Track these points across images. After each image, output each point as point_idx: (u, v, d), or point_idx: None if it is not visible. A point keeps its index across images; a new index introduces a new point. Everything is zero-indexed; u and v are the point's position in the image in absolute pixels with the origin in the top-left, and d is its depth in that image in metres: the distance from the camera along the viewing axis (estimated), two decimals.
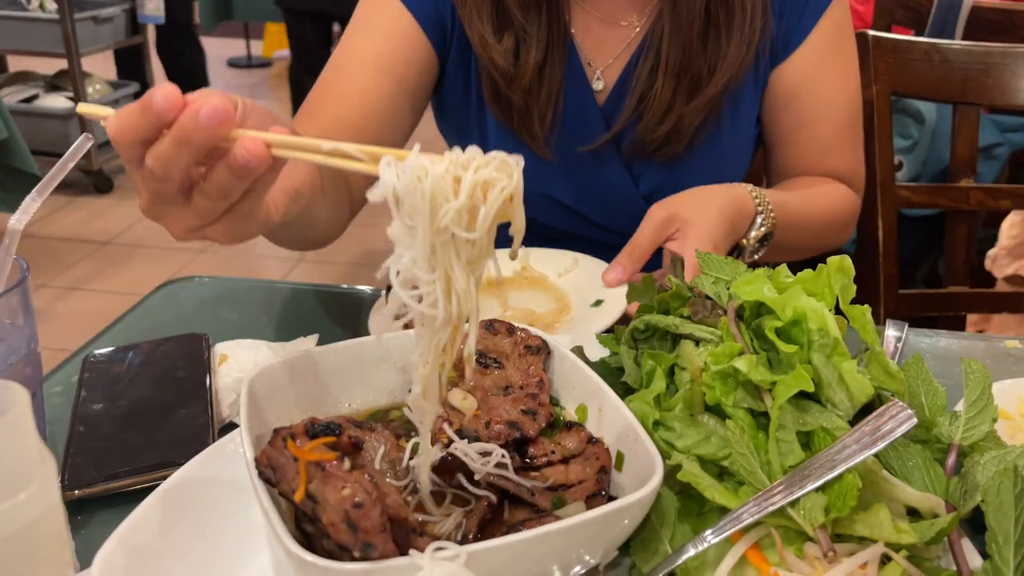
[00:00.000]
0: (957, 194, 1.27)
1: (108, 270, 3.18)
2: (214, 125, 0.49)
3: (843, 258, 0.61)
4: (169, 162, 0.51)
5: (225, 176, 0.51)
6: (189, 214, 0.55)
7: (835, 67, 0.97)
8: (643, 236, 0.82)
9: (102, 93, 3.80)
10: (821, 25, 0.94)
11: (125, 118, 0.52)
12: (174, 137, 0.50)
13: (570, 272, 0.91)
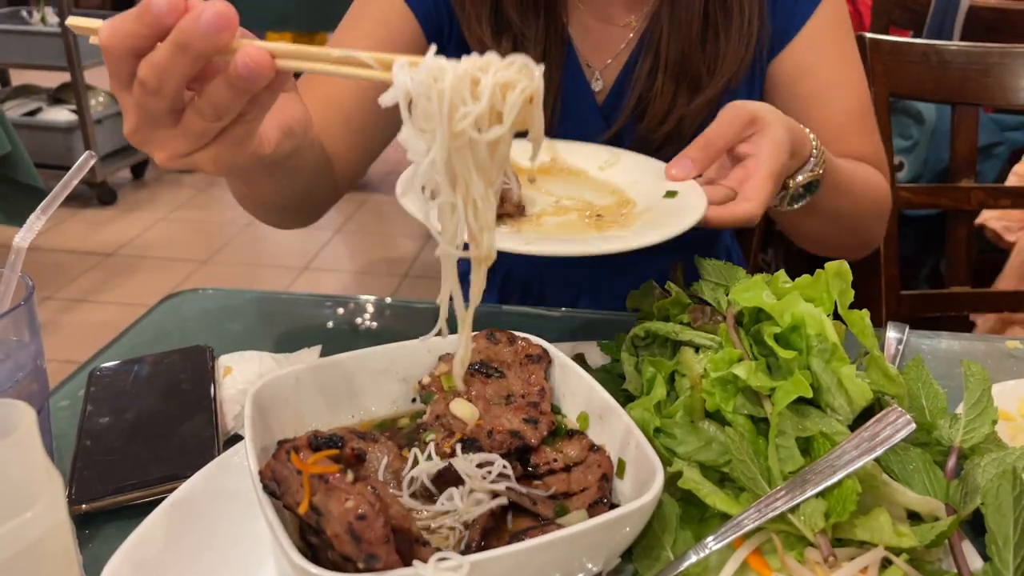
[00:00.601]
0: (957, 194, 1.27)
1: (113, 281, 3.19)
2: (217, 30, 0.46)
3: (840, 263, 0.61)
4: (165, 71, 0.48)
5: (223, 90, 0.49)
6: (178, 136, 0.52)
7: (836, 55, 0.95)
8: (721, 130, 0.73)
9: (105, 105, 3.81)
10: (817, 16, 0.94)
11: (119, 24, 0.49)
12: (173, 42, 0.47)
13: (613, 166, 0.84)
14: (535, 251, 0.63)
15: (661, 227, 0.66)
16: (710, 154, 0.74)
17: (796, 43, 0.94)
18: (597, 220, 0.73)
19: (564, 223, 0.72)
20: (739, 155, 0.73)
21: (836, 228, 0.93)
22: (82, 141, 3.62)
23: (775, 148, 0.71)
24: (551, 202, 0.77)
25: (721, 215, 0.68)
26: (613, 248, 0.64)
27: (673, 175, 0.74)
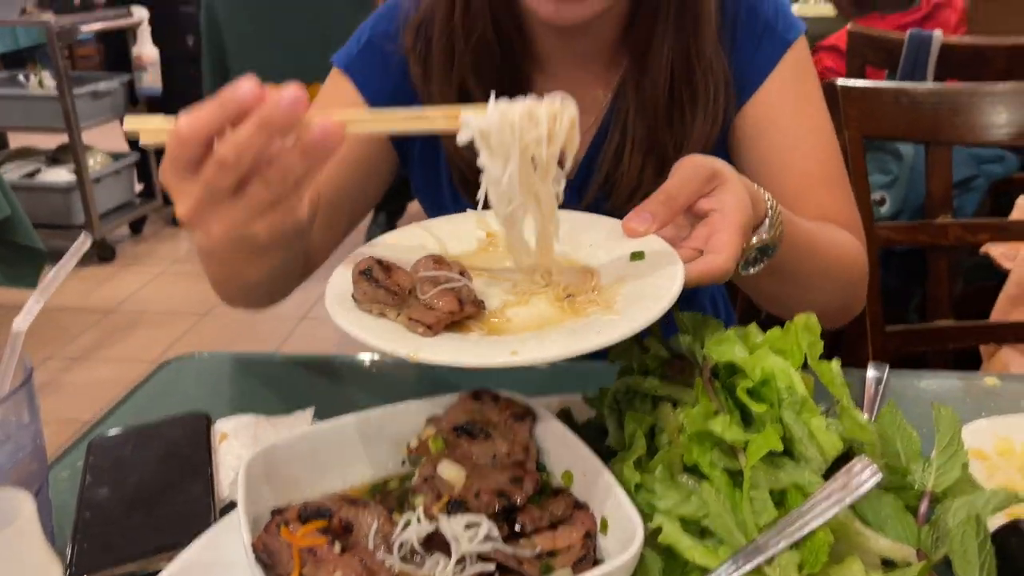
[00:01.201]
0: (935, 231, 1.30)
1: (113, 338, 3.22)
2: (295, 109, 0.54)
3: (809, 316, 0.63)
4: (246, 148, 0.55)
5: (296, 159, 0.56)
6: (239, 209, 0.59)
7: (799, 109, 0.95)
8: (682, 184, 0.68)
9: (103, 164, 3.87)
10: (779, 70, 0.94)
11: (199, 114, 0.56)
12: (257, 121, 0.54)
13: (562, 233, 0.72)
14: (526, 361, 0.57)
15: (648, 299, 0.60)
16: (671, 209, 0.67)
17: (758, 97, 0.94)
18: (570, 303, 0.65)
19: (535, 315, 0.64)
20: (700, 211, 0.68)
21: (804, 294, 0.87)
22: (81, 201, 3.67)
23: (739, 202, 0.67)
24: (507, 289, 0.68)
25: (695, 271, 0.64)
26: (613, 339, 0.57)
27: (633, 228, 0.67)
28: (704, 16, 0.89)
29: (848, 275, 0.91)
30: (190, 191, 0.59)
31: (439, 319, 0.60)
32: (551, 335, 0.60)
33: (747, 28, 0.94)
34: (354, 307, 0.63)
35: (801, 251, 0.81)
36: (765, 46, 0.94)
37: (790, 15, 0.96)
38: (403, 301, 0.62)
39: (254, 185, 0.58)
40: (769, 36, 0.94)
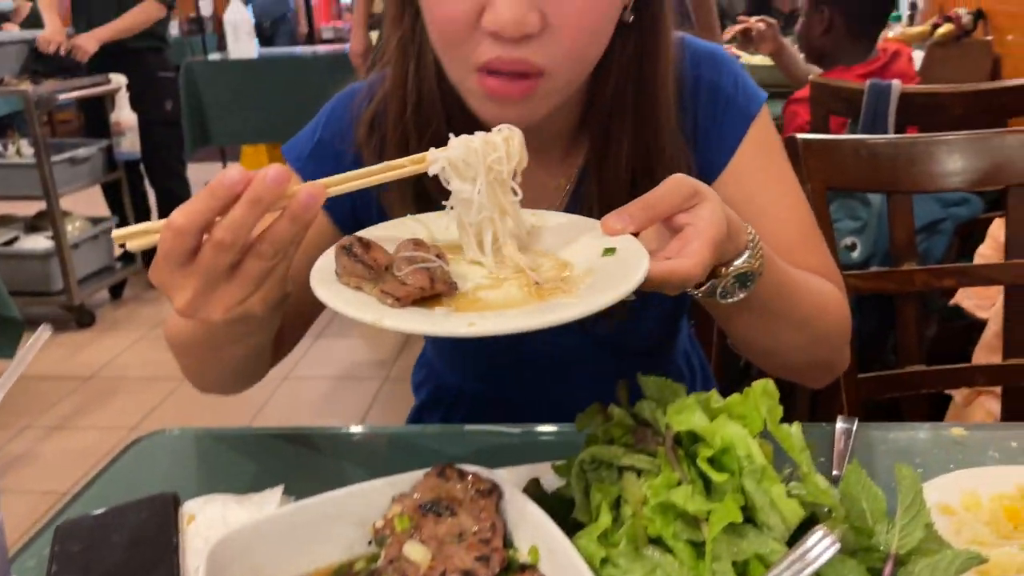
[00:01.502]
0: (901, 278, 1.32)
1: (91, 406, 3.18)
2: (280, 184, 0.60)
3: (767, 382, 0.64)
4: (241, 226, 0.60)
5: (286, 226, 0.62)
6: (235, 287, 0.63)
7: (767, 181, 0.94)
8: (663, 195, 0.70)
9: (82, 230, 3.87)
10: (743, 147, 0.93)
11: (194, 206, 0.60)
12: (248, 199, 0.59)
13: (537, 230, 0.78)
14: (481, 332, 0.60)
15: (607, 289, 0.63)
16: (649, 215, 0.70)
17: (727, 175, 0.93)
18: (538, 288, 0.68)
19: (504, 296, 0.67)
20: (677, 225, 0.70)
21: (786, 338, 0.87)
22: (59, 267, 3.66)
23: (714, 218, 0.69)
24: (484, 274, 0.71)
25: (661, 269, 0.66)
26: (562, 318, 0.60)
27: (610, 225, 0.69)
28: (662, 102, 0.87)
29: (831, 325, 0.91)
30: (186, 283, 0.63)
31: (409, 293, 0.64)
32: (510, 313, 0.64)
33: (709, 108, 0.93)
34: (334, 280, 0.66)
35: (782, 290, 0.82)
36: (728, 123, 0.93)
37: (750, 86, 0.95)
38: (379, 276, 0.65)
39: (249, 261, 0.63)
40: (732, 112, 0.93)
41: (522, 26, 0.72)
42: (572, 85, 0.82)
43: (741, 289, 0.75)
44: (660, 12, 0.85)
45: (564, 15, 0.73)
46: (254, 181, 0.60)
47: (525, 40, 0.73)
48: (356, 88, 0.96)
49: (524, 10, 0.71)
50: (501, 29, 0.72)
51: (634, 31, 0.84)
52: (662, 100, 0.87)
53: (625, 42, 0.84)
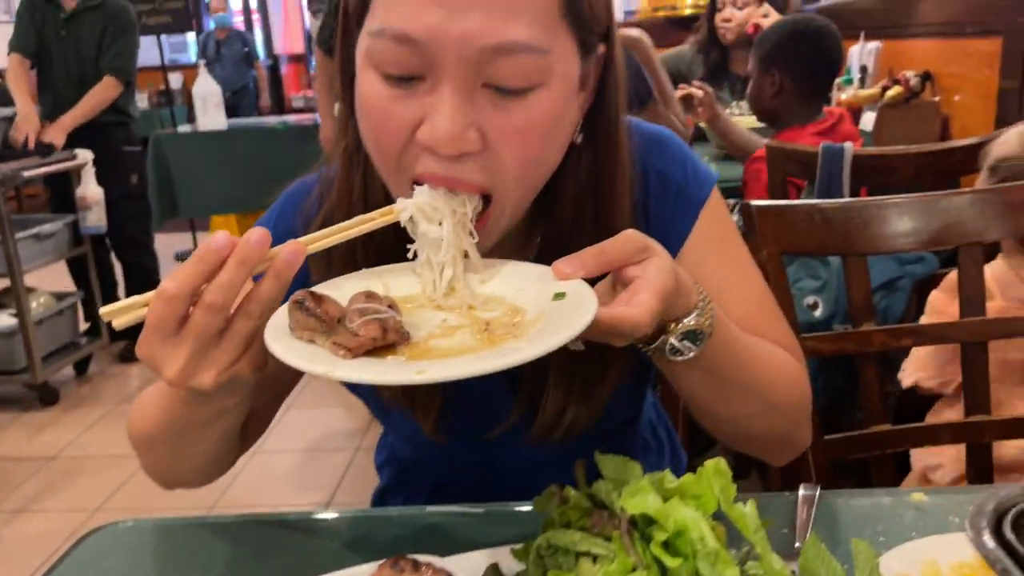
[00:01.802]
0: (861, 339, 1.33)
1: (56, 487, 3.10)
2: (264, 245, 0.64)
3: (718, 461, 0.64)
4: (231, 287, 0.63)
5: (272, 283, 0.65)
6: (226, 350, 0.66)
7: (722, 261, 0.94)
8: (616, 245, 0.70)
9: (46, 306, 3.82)
10: (696, 231, 0.93)
11: (183, 273, 0.63)
12: (236, 261, 0.63)
13: (494, 278, 0.78)
14: (430, 379, 0.60)
15: (556, 332, 0.63)
16: (600, 261, 0.70)
17: (681, 260, 0.91)
18: (489, 334, 0.68)
19: (456, 344, 0.68)
20: (626, 278, 0.70)
21: (741, 407, 0.86)
22: (23, 344, 3.60)
23: (663, 271, 0.69)
24: (437, 323, 0.72)
25: (608, 315, 0.66)
26: (510, 362, 0.60)
27: (561, 269, 0.70)
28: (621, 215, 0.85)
29: (787, 396, 0.90)
30: (177, 351, 0.65)
31: (360, 344, 0.64)
32: (460, 359, 0.64)
33: (659, 195, 0.92)
34: (288, 335, 0.67)
35: (734, 353, 0.81)
36: (680, 210, 0.92)
37: (700, 169, 0.95)
38: (332, 329, 0.66)
39: (237, 321, 0.65)
40: (683, 199, 0.92)
41: (459, 143, 0.70)
42: (520, 209, 0.80)
43: (691, 347, 0.75)
44: (614, 130, 0.84)
45: (505, 135, 0.72)
46: (240, 243, 0.63)
47: (463, 158, 0.71)
48: (306, 185, 0.95)
49: (462, 126, 0.69)
50: (435, 144, 0.70)
51: (587, 150, 0.83)
52: (620, 213, 0.85)
53: (579, 161, 0.82)
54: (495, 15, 0.67)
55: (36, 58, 4.00)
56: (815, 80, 2.37)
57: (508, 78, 0.69)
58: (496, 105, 0.71)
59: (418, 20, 0.67)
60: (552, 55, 0.71)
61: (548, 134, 0.75)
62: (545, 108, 0.72)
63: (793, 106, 2.36)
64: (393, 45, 0.69)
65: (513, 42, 0.68)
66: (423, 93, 0.70)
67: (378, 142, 0.75)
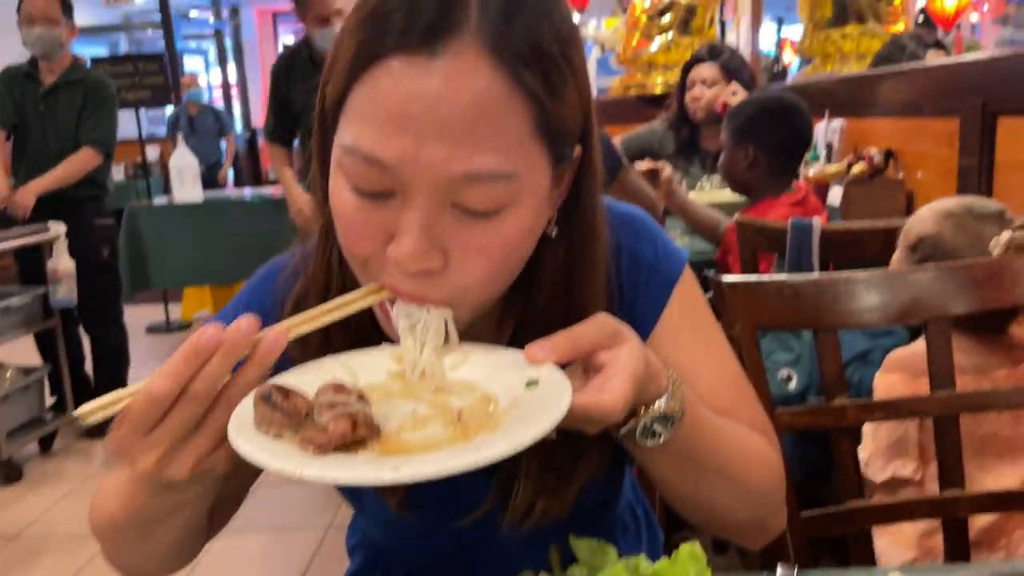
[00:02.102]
0: (834, 413, 1.34)
1: (17, 568, 2.99)
2: (252, 332, 0.65)
3: (693, 545, 0.63)
4: (217, 377, 0.64)
5: (254, 371, 0.65)
6: (204, 439, 0.65)
7: (694, 340, 0.94)
8: (588, 331, 0.71)
9: (13, 380, 3.75)
10: (667, 312, 0.93)
11: (173, 371, 0.63)
12: (224, 352, 0.63)
13: (464, 364, 0.76)
14: (405, 478, 0.58)
15: (531, 423, 0.62)
16: (571, 346, 0.70)
17: (651, 341, 0.91)
18: (462, 426, 0.67)
19: (428, 437, 0.66)
20: (598, 363, 0.70)
21: (713, 491, 0.85)
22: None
23: (634, 356, 0.69)
24: (407, 413, 0.70)
25: (582, 402, 0.65)
26: (490, 457, 0.59)
27: (533, 353, 0.69)
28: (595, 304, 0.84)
29: (760, 480, 0.90)
30: (153, 443, 0.64)
31: (330, 440, 0.62)
32: (435, 455, 0.62)
33: (631, 275, 0.92)
34: (252, 428, 0.65)
35: (705, 436, 0.81)
36: (652, 289, 0.92)
37: (670, 249, 0.95)
38: (300, 424, 0.64)
39: (218, 411, 0.65)
40: (655, 279, 0.92)
41: (421, 262, 0.70)
42: (485, 306, 0.79)
43: (662, 431, 0.75)
44: (590, 223, 0.83)
45: (469, 253, 0.72)
46: (230, 333, 0.64)
47: (425, 275, 0.72)
48: (279, 265, 0.94)
49: (425, 247, 0.70)
50: (399, 263, 0.71)
51: (562, 241, 0.82)
52: (595, 296, 0.85)
53: (555, 252, 0.81)
54: (464, 143, 0.67)
55: (13, 131, 3.99)
56: (786, 154, 2.44)
57: (476, 203, 0.70)
58: (462, 224, 0.71)
59: (388, 145, 0.67)
60: (522, 177, 0.71)
61: (514, 250, 0.75)
62: (512, 228, 0.72)
63: (765, 178, 2.43)
64: (363, 164, 0.69)
65: (481, 171, 0.68)
66: (393, 208, 0.71)
67: (349, 248, 0.76)
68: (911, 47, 3.44)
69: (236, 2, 12.62)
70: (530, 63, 0.68)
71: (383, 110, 0.67)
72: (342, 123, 0.72)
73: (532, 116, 0.69)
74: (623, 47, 5.60)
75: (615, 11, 6.91)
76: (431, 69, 0.66)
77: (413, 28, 0.66)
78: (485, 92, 0.66)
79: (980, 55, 2.34)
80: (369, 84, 0.68)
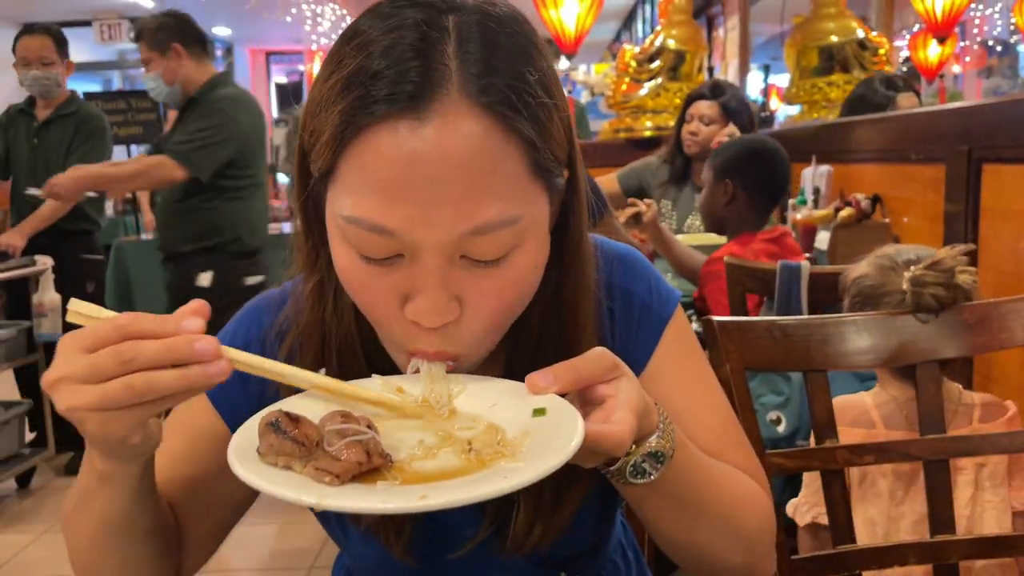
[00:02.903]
0: (825, 456, 1.33)
1: None
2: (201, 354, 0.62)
3: None
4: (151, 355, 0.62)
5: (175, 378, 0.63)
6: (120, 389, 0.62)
7: (686, 379, 0.94)
8: (588, 364, 0.71)
9: None
10: (659, 351, 0.93)
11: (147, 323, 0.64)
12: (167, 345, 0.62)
13: (461, 394, 0.76)
14: (435, 505, 0.57)
15: (553, 449, 0.62)
16: (573, 377, 0.70)
17: (643, 379, 0.89)
18: (476, 455, 0.66)
19: (441, 465, 0.65)
20: (597, 396, 0.70)
21: (703, 533, 0.85)
22: None
23: (634, 390, 0.70)
24: (414, 443, 0.69)
25: (592, 431, 0.65)
26: (520, 483, 0.58)
27: (535, 383, 0.69)
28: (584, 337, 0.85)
29: (749, 523, 0.89)
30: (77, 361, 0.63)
31: (346, 469, 0.60)
32: (459, 482, 0.61)
33: (624, 313, 0.92)
34: (257, 460, 0.62)
35: (695, 476, 0.81)
36: (644, 328, 0.93)
37: (663, 287, 0.96)
38: (310, 453, 0.62)
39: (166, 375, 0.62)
40: (647, 317, 0.93)
41: (442, 316, 0.71)
42: (495, 345, 0.80)
43: (652, 469, 0.75)
44: (578, 245, 0.84)
45: (482, 298, 0.73)
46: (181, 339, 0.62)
47: (444, 327, 0.72)
48: (265, 305, 0.93)
49: (444, 301, 0.71)
50: (420, 321, 0.72)
51: (553, 266, 0.82)
52: (584, 323, 0.86)
53: (547, 278, 0.81)
54: (467, 200, 0.67)
55: (6, 167, 3.99)
56: (764, 194, 2.50)
57: (485, 254, 0.70)
58: (474, 272, 0.71)
59: (391, 214, 0.68)
60: (526, 217, 0.71)
61: (526, 287, 0.76)
62: (521, 267, 0.73)
63: (744, 214, 2.49)
64: (367, 233, 0.69)
65: (488, 222, 0.68)
66: (403, 267, 0.71)
67: (369, 314, 0.77)
68: (881, 89, 3.52)
69: (229, 42, 12.74)
70: (518, 108, 0.68)
71: (380, 180, 0.67)
72: (335, 192, 0.72)
73: (526, 157, 0.70)
74: (613, 91, 5.68)
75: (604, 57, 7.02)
76: (422, 132, 0.65)
77: (400, 93, 0.65)
78: (479, 144, 0.66)
79: (966, 103, 2.38)
80: (360, 153, 0.67)
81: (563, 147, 0.75)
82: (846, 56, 4.79)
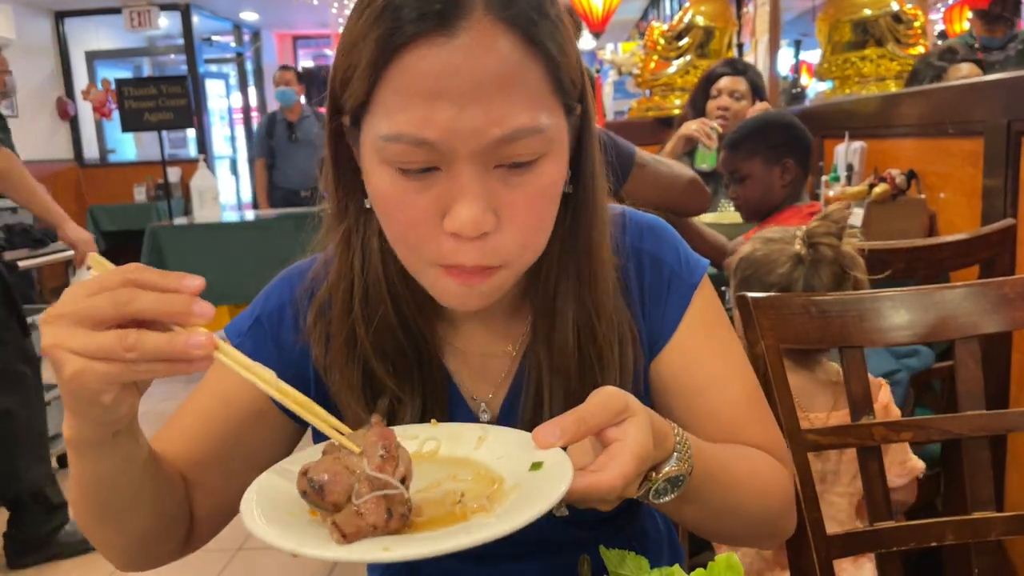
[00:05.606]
0: (861, 432, 1.32)
1: None
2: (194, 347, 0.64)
3: (730, 555, 0.63)
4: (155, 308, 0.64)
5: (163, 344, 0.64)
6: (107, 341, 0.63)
7: (712, 350, 0.96)
8: (595, 410, 0.72)
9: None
10: (687, 318, 0.95)
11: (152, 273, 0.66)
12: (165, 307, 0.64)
13: (483, 443, 0.80)
14: (395, 557, 0.61)
15: (526, 507, 0.64)
16: (580, 429, 0.71)
17: (673, 345, 0.95)
18: (460, 506, 0.69)
19: (428, 518, 0.69)
20: (607, 440, 0.72)
21: (726, 520, 0.90)
22: None
23: (641, 435, 0.71)
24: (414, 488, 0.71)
25: (580, 485, 0.68)
26: (478, 540, 0.61)
27: (542, 438, 0.71)
28: (602, 265, 0.89)
29: (770, 504, 0.93)
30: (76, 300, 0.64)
31: (357, 532, 0.63)
32: (427, 535, 0.65)
33: (653, 280, 0.95)
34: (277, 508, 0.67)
35: (718, 484, 0.84)
36: (674, 294, 0.96)
37: (691, 256, 0.98)
38: (339, 510, 0.64)
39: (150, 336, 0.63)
40: (676, 283, 0.96)
41: (480, 226, 0.74)
42: (527, 268, 0.84)
43: (673, 490, 0.78)
44: (592, 179, 0.87)
45: (516, 208, 0.77)
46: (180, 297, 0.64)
47: (483, 241, 0.76)
48: (297, 272, 0.97)
49: (481, 212, 0.74)
50: (461, 231, 0.75)
51: (570, 201, 0.86)
52: (601, 263, 0.89)
53: (563, 213, 0.85)
54: (498, 106, 0.72)
55: None
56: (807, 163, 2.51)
57: (517, 157, 0.75)
58: (507, 182, 0.76)
59: (431, 122, 0.71)
60: (549, 129, 0.76)
61: (552, 200, 0.80)
62: (548, 177, 0.78)
63: (798, 187, 2.49)
64: (407, 147, 0.73)
65: (518, 129, 0.73)
66: (441, 182, 0.75)
67: (406, 234, 0.79)
68: (933, 61, 3.44)
69: (257, 27, 12.79)
70: (539, 25, 0.73)
71: (418, 93, 0.71)
72: (372, 119, 0.75)
73: (548, 72, 0.75)
74: (642, 69, 5.62)
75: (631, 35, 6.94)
76: (453, 47, 0.70)
77: (429, 13, 0.70)
78: (507, 57, 0.71)
79: (1005, 74, 2.33)
80: (396, 76, 0.72)
81: (578, 79, 0.79)
82: (880, 30, 4.69)
